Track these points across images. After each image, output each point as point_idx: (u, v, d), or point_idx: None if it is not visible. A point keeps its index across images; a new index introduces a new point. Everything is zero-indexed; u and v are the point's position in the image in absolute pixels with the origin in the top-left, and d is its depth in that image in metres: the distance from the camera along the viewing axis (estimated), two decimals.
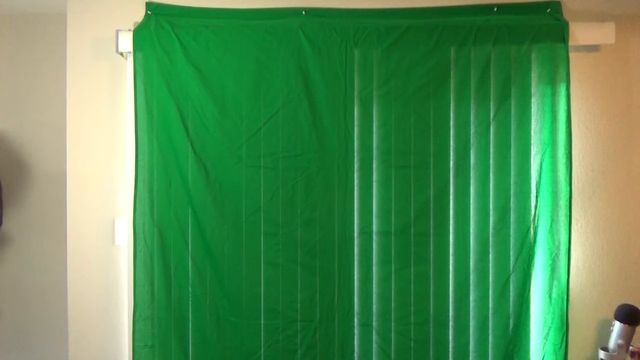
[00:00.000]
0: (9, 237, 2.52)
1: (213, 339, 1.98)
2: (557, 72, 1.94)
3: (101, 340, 2.10)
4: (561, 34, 1.94)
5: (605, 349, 1.80)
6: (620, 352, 1.76)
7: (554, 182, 1.94)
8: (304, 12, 2.02)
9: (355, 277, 1.99)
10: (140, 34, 1.98)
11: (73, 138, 2.09)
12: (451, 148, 1.98)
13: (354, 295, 1.99)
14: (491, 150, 1.97)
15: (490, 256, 1.97)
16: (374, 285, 1.99)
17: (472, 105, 1.98)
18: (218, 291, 1.99)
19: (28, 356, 2.54)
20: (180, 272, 1.98)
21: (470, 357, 1.98)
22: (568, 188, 1.93)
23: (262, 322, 1.98)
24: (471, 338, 1.98)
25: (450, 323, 1.98)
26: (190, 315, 1.99)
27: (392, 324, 1.98)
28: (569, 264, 1.92)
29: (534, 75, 1.97)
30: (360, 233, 1.99)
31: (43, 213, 2.51)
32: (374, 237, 1.99)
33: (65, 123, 2.09)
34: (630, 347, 1.80)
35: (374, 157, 1.99)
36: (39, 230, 2.52)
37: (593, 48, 2.03)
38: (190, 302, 1.99)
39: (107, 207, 2.09)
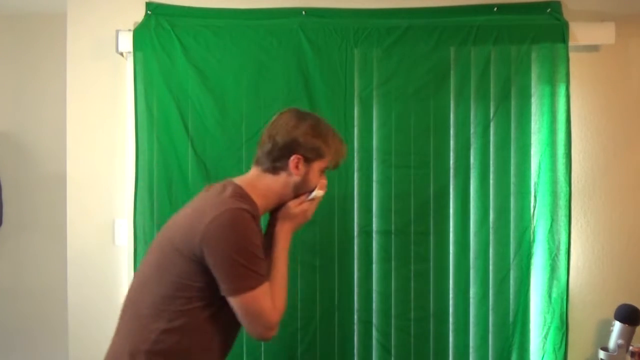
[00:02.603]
0: (9, 237, 2.52)
1: None
2: (556, 72, 1.94)
3: (101, 341, 2.08)
4: (561, 34, 1.94)
5: (605, 349, 1.80)
6: (620, 352, 1.76)
7: (554, 182, 1.94)
8: (304, 12, 2.02)
9: (355, 276, 1.99)
10: (140, 34, 1.98)
11: (73, 138, 2.09)
12: (451, 148, 1.98)
13: (354, 293, 1.99)
14: (491, 150, 1.97)
15: (490, 255, 1.97)
16: (374, 283, 1.99)
17: (471, 105, 1.98)
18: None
19: (28, 356, 2.53)
20: None
21: (470, 353, 1.98)
22: (567, 188, 1.93)
23: None
24: (471, 334, 1.98)
25: (450, 319, 1.99)
26: None
27: (392, 321, 1.99)
28: (568, 264, 1.93)
29: (533, 75, 1.96)
30: (360, 232, 1.99)
31: (43, 213, 2.51)
32: (374, 236, 1.98)
33: (65, 123, 2.09)
34: (630, 347, 1.80)
35: (374, 157, 1.98)
36: (39, 230, 2.52)
37: (593, 48, 2.03)
38: None
39: (107, 207, 2.09)
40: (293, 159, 1.39)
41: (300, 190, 1.44)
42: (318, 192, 1.46)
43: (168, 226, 1.39)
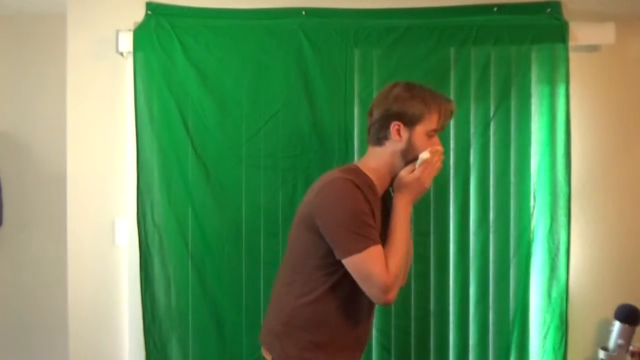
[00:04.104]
0: (9, 237, 2.52)
1: (213, 339, 1.98)
2: (556, 72, 1.94)
3: (101, 341, 2.10)
4: (561, 34, 1.94)
5: (605, 349, 1.80)
6: (620, 352, 1.76)
7: (553, 182, 1.94)
8: (304, 12, 2.02)
9: None
10: (140, 34, 1.98)
11: (73, 138, 2.09)
12: (451, 148, 1.98)
13: None
14: (490, 150, 1.98)
15: (489, 254, 1.98)
16: None
17: (471, 105, 1.98)
18: (218, 291, 1.99)
19: (28, 356, 2.54)
20: (180, 272, 1.99)
21: (470, 352, 1.98)
22: (567, 188, 1.93)
23: (262, 321, 1.98)
24: (470, 334, 1.99)
25: (450, 319, 1.99)
26: (190, 315, 1.99)
27: (392, 320, 1.99)
28: (568, 264, 1.93)
29: (533, 75, 1.97)
30: None
31: (43, 213, 2.51)
32: None
33: (65, 123, 2.09)
34: (630, 347, 1.80)
35: None
36: (39, 230, 2.52)
37: (593, 48, 2.03)
38: (190, 302, 1.99)
39: (107, 207, 2.09)
40: (393, 125, 1.44)
41: (409, 156, 1.46)
42: (423, 155, 1.43)
43: (298, 209, 1.53)
